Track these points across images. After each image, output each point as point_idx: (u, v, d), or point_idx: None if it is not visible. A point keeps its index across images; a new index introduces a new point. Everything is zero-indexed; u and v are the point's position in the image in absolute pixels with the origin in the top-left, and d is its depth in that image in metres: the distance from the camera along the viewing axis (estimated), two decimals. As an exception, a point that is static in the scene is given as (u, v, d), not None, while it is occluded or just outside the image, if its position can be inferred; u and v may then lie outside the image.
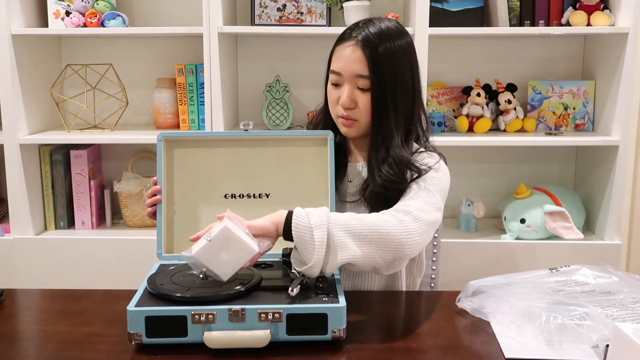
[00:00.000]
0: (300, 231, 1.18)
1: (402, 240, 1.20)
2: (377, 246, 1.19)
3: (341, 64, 1.41)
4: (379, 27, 1.40)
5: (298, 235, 1.18)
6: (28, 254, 2.19)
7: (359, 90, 1.41)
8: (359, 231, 1.19)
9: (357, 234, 1.19)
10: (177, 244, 1.40)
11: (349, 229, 1.19)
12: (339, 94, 1.43)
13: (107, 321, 1.26)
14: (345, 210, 1.47)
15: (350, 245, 1.19)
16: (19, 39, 2.17)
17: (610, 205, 2.22)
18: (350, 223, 1.20)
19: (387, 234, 1.20)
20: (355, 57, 1.39)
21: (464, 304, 1.30)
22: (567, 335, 1.14)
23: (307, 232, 1.17)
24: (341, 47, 1.42)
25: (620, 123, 2.17)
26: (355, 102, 1.41)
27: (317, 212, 1.20)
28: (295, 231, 1.18)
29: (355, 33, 1.41)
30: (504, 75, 2.42)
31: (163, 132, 1.39)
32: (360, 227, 1.20)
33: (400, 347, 1.16)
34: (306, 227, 1.17)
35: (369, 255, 1.20)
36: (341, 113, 1.43)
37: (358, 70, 1.39)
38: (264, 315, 1.11)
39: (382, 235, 1.19)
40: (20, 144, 2.18)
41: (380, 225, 1.21)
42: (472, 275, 1.38)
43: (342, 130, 1.47)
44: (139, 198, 2.34)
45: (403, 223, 1.22)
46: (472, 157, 2.51)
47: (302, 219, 1.18)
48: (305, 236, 1.17)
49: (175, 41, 2.44)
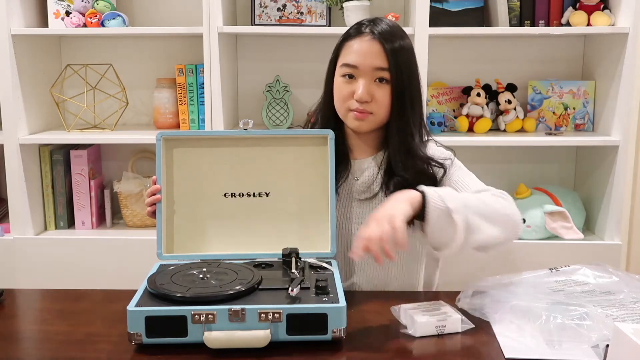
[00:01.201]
0: (438, 215, 1.22)
1: (519, 220, 1.33)
2: (504, 227, 1.29)
3: (357, 57, 1.41)
4: (388, 25, 1.44)
5: (435, 218, 1.22)
6: (28, 254, 2.19)
7: (375, 84, 1.42)
8: (489, 213, 1.27)
9: (488, 217, 1.27)
10: (177, 244, 1.40)
11: (481, 212, 1.26)
12: (351, 88, 1.43)
13: (107, 321, 1.26)
14: (352, 209, 1.48)
15: (484, 227, 1.25)
16: (19, 39, 2.17)
17: (610, 205, 2.22)
18: (479, 207, 1.26)
19: (511, 215, 1.31)
20: (374, 50, 1.41)
21: (464, 304, 1.30)
22: (567, 335, 1.14)
23: (445, 215, 1.22)
24: (354, 41, 1.43)
25: (620, 123, 2.16)
26: (372, 95, 1.42)
27: (449, 194, 1.25)
28: (433, 214, 1.22)
29: (368, 28, 1.42)
30: (504, 75, 2.42)
31: (162, 132, 1.39)
32: (490, 210, 1.28)
33: (400, 347, 1.16)
34: (443, 210, 1.22)
35: (497, 235, 1.28)
36: (355, 107, 1.43)
37: (378, 62, 1.41)
38: (264, 315, 1.11)
39: (508, 217, 1.31)
40: (20, 144, 2.18)
41: (502, 207, 1.31)
42: (472, 275, 1.39)
43: (353, 125, 1.45)
44: (139, 198, 2.34)
45: (513, 206, 1.33)
46: (472, 157, 2.50)
47: (438, 202, 1.22)
48: (443, 219, 1.22)
49: (175, 41, 2.44)
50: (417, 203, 1.23)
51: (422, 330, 1.18)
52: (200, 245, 1.40)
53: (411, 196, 1.23)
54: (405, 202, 1.21)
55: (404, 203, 1.21)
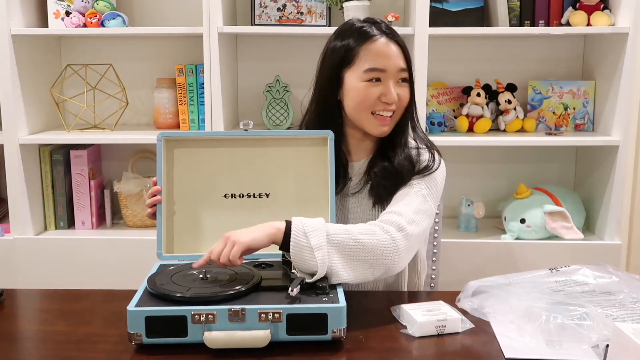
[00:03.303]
0: (300, 251, 1.22)
1: (393, 259, 1.28)
2: (370, 265, 1.26)
3: (384, 60, 1.42)
4: (388, 24, 1.48)
5: (298, 254, 1.22)
6: (28, 254, 2.19)
7: (398, 84, 1.45)
8: (355, 253, 1.25)
9: (353, 255, 1.25)
10: (177, 244, 1.40)
11: (346, 250, 1.24)
12: (378, 91, 1.43)
13: (107, 321, 1.26)
14: (348, 204, 1.49)
15: (347, 268, 1.24)
16: (19, 39, 2.17)
17: (610, 205, 2.22)
18: (347, 243, 1.24)
19: (380, 254, 1.26)
20: (396, 51, 1.44)
21: (464, 304, 1.30)
22: (567, 335, 1.14)
23: (308, 252, 1.21)
24: (374, 45, 1.43)
25: (620, 123, 2.17)
26: (399, 96, 1.45)
27: (315, 229, 1.23)
28: (294, 251, 1.22)
29: (378, 29, 1.45)
30: (504, 75, 2.42)
31: (163, 132, 1.39)
32: (357, 249, 1.25)
33: (400, 347, 1.16)
34: (305, 247, 1.21)
35: (362, 273, 1.26)
36: (382, 108, 1.44)
37: (402, 64, 1.44)
38: (264, 315, 1.11)
39: (376, 255, 1.26)
40: (20, 144, 2.18)
41: (374, 244, 1.26)
42: (472, 275, 1.39)
43: (377, 131, 1.46)
44: (139, 198, 2.34)
45: (395, 242, 1.28)
46: (472, 157, 2.51)
47: (301, 239, 1.22)
48: (305, 255, 1.21)
49: (175, 41, 2.44)
50: (278, 236, 1.24)
51: (422, 330, 1.18)
52: (200, 245, 1.40)
53: (273, 228, 1.25)
54: (262, 232, 1.24)
55: (262, 233, 1.24)
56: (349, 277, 1.24)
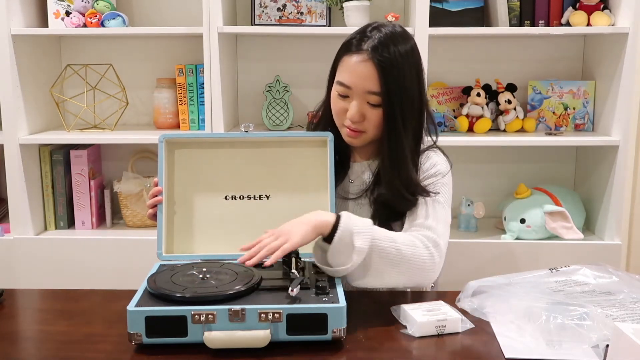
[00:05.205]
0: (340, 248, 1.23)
1: (429, 275, 1.31)
2: (406, 276, 1.29)
3: (351, 78, 1.40)
4: (385, 35, 1.39)
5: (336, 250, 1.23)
6: (28, 254, 2.19)
7: (368, 105, 1.41)
8: (396, 261, 1.27)
9: (394, 263, 1.27)
10: (178, 245, 1.40)
11: (387, 257, 1.26)
12: (345, 105, 1.43)
13: (107, 321, 1.26)
14: (348, 208, 1.48)
15: (385, 274, 1.27)
16: (19, 39, 2.17)
17: (610, 205, 2.22)
18: (389, 251, 1.26)
19: (417, 268, 1.29)
20: (367, 73, 1.38)
21: (464, 304, 1.30)
22: (567, 335, 1.14)
23: (348, 249, 1.23)
24: (350, 59, 1.40)
25: (620, 123, 2.16)
26: (364, 115, 1.42)
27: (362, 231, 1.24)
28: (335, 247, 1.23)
29: (364, 45, 1.38)
30: (504, 75, 2.42)
31: (164, 134, 1.39)
32: (398, 257, 1.27)
33: (400, 347, 1.16)
34: (348, 245, 1.23)
35: (396, 281, 1.30)
36: (348, 124, 1.44)
37: (369, 87, 1.38)
38: (264, 315, 1.11)
39: (412, 269, 1.29)
40: (20, 144, 2.18)
41: (414, 256, 1.29)
42: (472, 275, 1.38)
43: (346, 139, 1.47)
44: (139, 198, 2.34)
45: (433, 259, 1.31)
46: (472, 157, 2.51)
47: (346, 236, 1.23)
48: (342, 255, 1.23)
49: (175, 41, 2.44)
50: (326, 229, 1.25)
51: (422, 330, 1.18)
52: (200, 246, 1.40)
53: (322, 221, 1.25)
54: (309, 225, 1.25)
55: (311, 228, 1.24)
56: (384, 282, 1.29)
